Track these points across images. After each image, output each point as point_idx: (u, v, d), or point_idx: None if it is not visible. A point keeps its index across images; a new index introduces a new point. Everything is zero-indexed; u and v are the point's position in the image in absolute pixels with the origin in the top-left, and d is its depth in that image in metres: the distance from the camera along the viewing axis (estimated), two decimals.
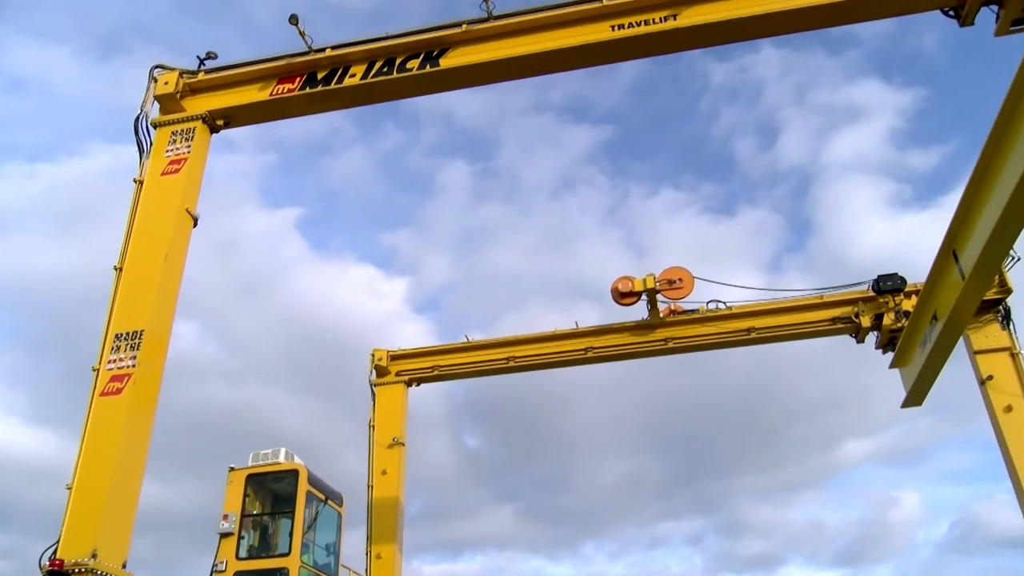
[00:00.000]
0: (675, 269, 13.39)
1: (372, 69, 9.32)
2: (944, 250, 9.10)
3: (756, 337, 13.47)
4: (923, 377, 10.97)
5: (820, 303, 13.41)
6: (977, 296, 9.38)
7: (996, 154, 7.39)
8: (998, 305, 12.33)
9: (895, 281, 12.89)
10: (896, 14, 8.72)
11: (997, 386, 11.88)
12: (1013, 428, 11.61)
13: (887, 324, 12.77)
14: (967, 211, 8.27)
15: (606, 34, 8.79)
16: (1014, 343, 12.18)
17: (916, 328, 10.86)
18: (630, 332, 13.85)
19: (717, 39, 9.05)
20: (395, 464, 13.60)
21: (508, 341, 14.42)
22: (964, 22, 8.15)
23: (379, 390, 14.38)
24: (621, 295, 13.40)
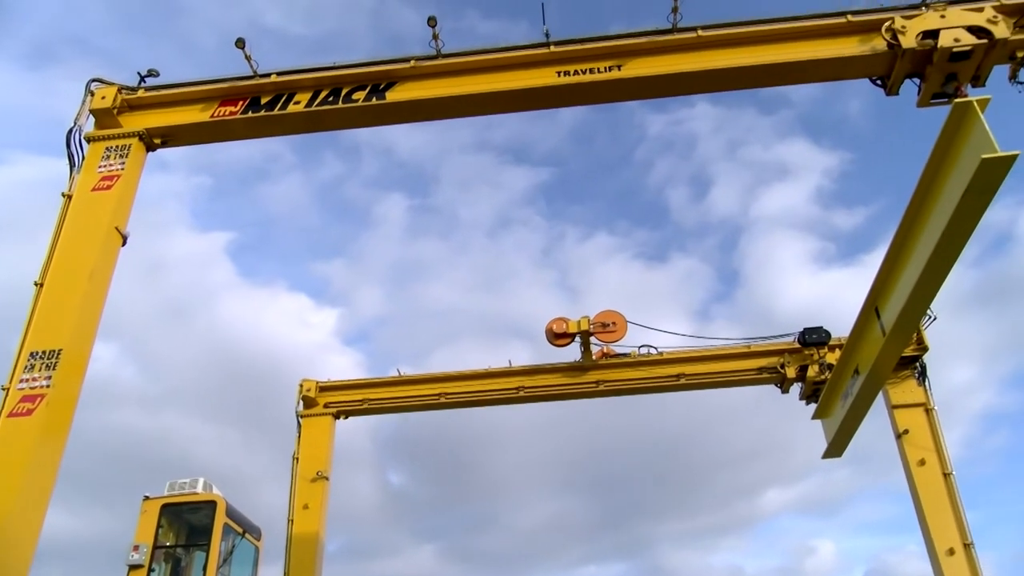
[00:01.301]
0: (609, 313, 13.55)
1: (317, 98, 9.28)
2: (867, 307, 9.45)
3: (685, 383, 13.68)
4: (843, 429, 11.30)
5: (747, 352, 13.72)
6: (896, 352, 9.74)
7: (916, 219, 7.75)
8: (915, 362, 12.81)
9: (820, 334, 13.28)
10: (827, 79, 9.12)
11: (912, 440, 12.30)
12: (925, 481, 12.01)
13: (811, 376, 13.12)
14: (889, 271, 8.62)
15: (552, 79, 8.95)
16: (929, 399, 12.65)
17: (838, 381, 11.20)
18: (562, 373, 13.91)
19: (657, 92, 9.31)
20: (318, 498, 13.27)
21: (440, 377, 14.33)
22: (890, 91, 8.56)
23: (305, 422, 14.07)
24: (555, 336, 13.49)
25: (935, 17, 8.20)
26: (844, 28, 8.59)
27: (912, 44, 8.09)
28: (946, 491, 11.89)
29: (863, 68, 8.60)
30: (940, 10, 8.25)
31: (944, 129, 6.91)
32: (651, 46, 8.85)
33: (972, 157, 6.42)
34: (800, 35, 8.70)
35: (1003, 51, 8.11)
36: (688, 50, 8.84)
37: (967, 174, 6.50)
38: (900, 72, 8.34)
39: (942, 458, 12.14)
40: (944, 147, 7.01)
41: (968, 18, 8.12)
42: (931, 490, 11.94)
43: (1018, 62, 8.36)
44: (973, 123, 6.52)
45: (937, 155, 7.13)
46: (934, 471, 12.05)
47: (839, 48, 8.56)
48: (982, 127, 6.37)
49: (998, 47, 8.02)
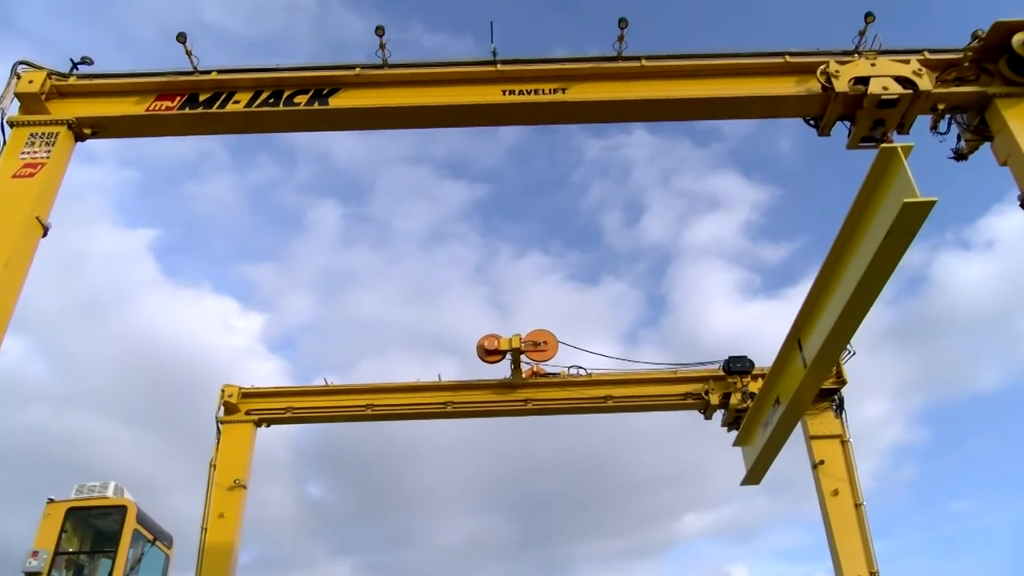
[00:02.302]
0: (541, 332, 13.63)
1: (258, 99, 9.12)
2: (790, 339, 9.71)
3: (612, 405, 13.83)
4: (763, 457, 11.56)
5: (673, 378, 13.96)
6: (816, 384, 10.03)
7: (840, 257, 8.02)
8: (834, 395, 13.24)
9: (744, 363, 13.61)
10: (763, 116, 9.42)
11: (827, 470, 12.69)
12: (838, 511, 12.40)
13: (734, 403, 13.42)
14: (813, 306, 8.88)
15: (497, 97, 9.00)
16: (845, 431, 13.08)
17: (760, 410, 11.47)
18: (492, 390, 13.91)
19: (599, 117, 9.47)
20: (234, 507, 12.92)
21: (368, 388, 14.16)
22: (822, 132, 8.87)
23: (225, 428, 13.70)
24: (486, 352, 13.49)
25: (867, 65, 8.55)
26: (782, 68, 8.88)
27: (844, 88, 8.41)
28: (856, 521, 12.29)
29: (798, 108, 8.90)
30: (871, 58, 8.62)
31: (870, 172, 7.18)
32: (596, 72, 8.99)
33: (895, 200, 6.69)
34: (740, 72, 8.96)
35: (926, 102, 8.51)
36: (631, 79, 9.01)
37: (890, 216, 6.76)
38: (832, 114, 8.65)
39: (854, 489, 12.55)
40: (869, 189, 7.28)
41: (896, 68, 8.50)
42: (843, 520, 12.32)
43: (939, 114, 8.78)
44: (897, 168, 6.79)
45: (862, 197, 7.40)
46: (846, 501, 12.44)
47: (776, 87, 8.84)
48: (905, 172, 6.63)
49: (922, 98, 8.40)
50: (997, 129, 8.41)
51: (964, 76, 8.71)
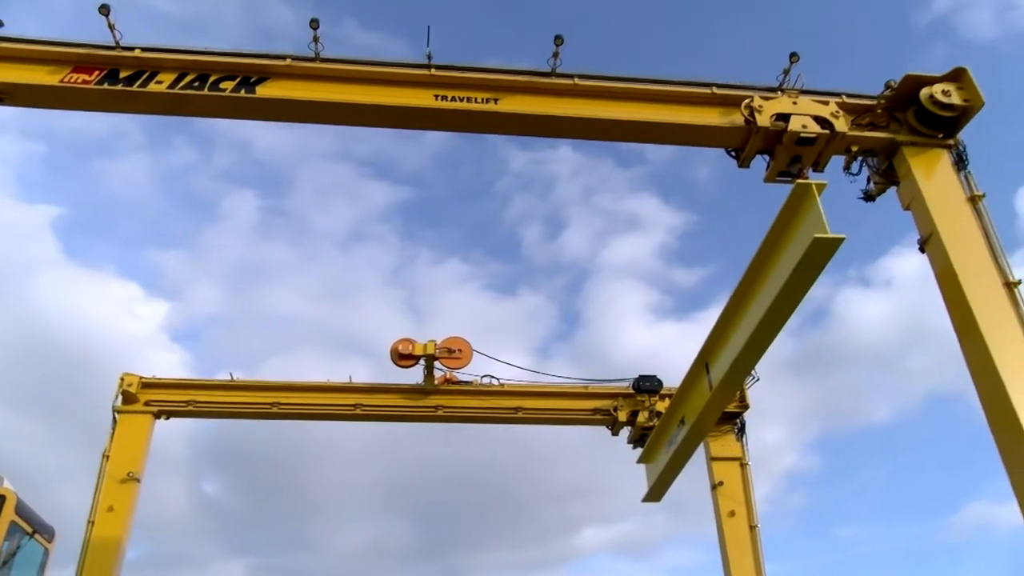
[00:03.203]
0: (456, 339, 13.59)
1: (182, 81, 8.82)
2: (698, 361, 9.97)
3: (522, 416, 13.88)
4: (665, 475, 11.82)
5: (584, 393, 14.11)
6: (721, 407, 10.32)
7: (751, 286, 8.29)
8: (736, 418, 13.62)
9: (653, 383, 13.87)
10: (687, 144, 9.67)
11: (725, 492, 13.04)
12: (733, 532, 12.74)
13: (640, 421, 13.65)
14: (722, 331, 9.15)
15: (429, 102, 8.97)
16: (744, 455, 13.47)
17: (665, 429, 11.73)
18: (403, 395, 13.77)
19: (529, 130, 9.51)
20: (125, 501, 12.37)
21: (276, 385, 13.81)
22: (742, 164, 9.16)
23: (122, 418, 13.12)
24: (400, 356, 13.36)
25: (788, 102, 8.89)
26: (708, 99, 9.14)
27: (766, 123, 8.72)
28: (750, 543, 12.65)
29: (721, 138, 9.17)
30: (793, 96, 8.96)
31: (784, 206, 7.45)
32: (530, 86, 9.06)
33: (806, 235, 6.96)
34: (669, 99, 9.17)
35: (841, 143, 8.90)
36: (564, 95, 9.12)
37: (800, 250, 7.03)
38: (753, 147, 8.95)
39: (750, 511, 12.93)
40: (782, 223, 7.56)
41: (815, 108, 8.86)
42: (737, 541, 12.67)
43: (852, 155, 9.21)
44: (810, 204, 7.06)
45: (775, 229, 7.68)
46: (742, 523, 12.80)
47: (702, 117, 9.10)
48: (817, 209, 6.91)
49: (837, 139, 8.78)
50: (903, 175, 8.87)
51: (877, 122, 9.16)
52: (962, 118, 8.86)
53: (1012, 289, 7.86)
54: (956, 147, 8.89)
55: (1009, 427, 7.07)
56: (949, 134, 8.94)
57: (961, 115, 8.83)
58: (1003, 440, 7.19)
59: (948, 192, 8.57)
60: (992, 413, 7.34)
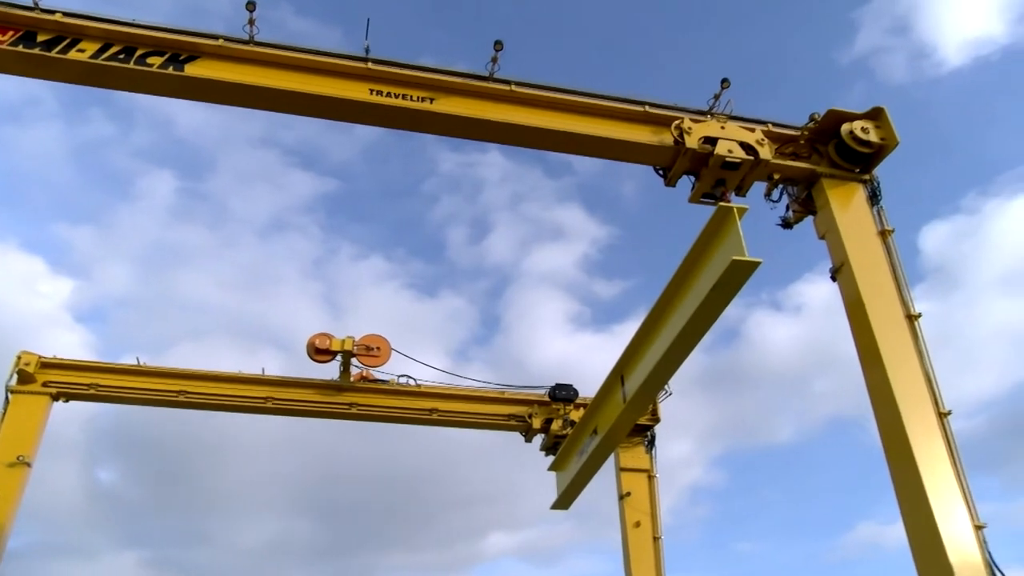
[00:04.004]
0: (375, 337, 13.44)
1: (106, 51, 8.46)
2: (614, 374, 10.12)
3: (437, 418, 13.82)
4: (575, 483, 11.95)
5: (501, 398, 14.15)
6: (633, 419, 10.49)
7: (669, 303, 8.47)
8: (647, 431, 13.86)
9: (568, 392, 14.01)
10: (617, 158, 9.75)
11: (632, 503, 13.25)
12: (637, 542, 12.96)
13: (554, 429, 13.76)
14: (638, 345, 9.30)
15: (363, 95, 8.85)
16: (653, 467, 13.72)
17: (577, 438, 11.86)
18: (317, 390, 13.53)
19: (462, 132, 9.46)
20: (13, 486, 11.76)
21: (185, 373, 13.38)
22: (669, 182, 9.35)
23: (16, 398, 12.48)
24: (317, 351, 13.12)
25: (716, 126, 9.13)
26: (641, 116, 9.30)
27: (694, 145, 8.93)
28: (654, 553, 12.89)
29: (650, 156, 9.34)
30: (722, 121, 9.20)
31: (706, 227, 7.63)
32: (466, 88, 9.05)
33: (724, 257, 7.14)
34: (603, 113, 9.30)
35: (764, 170, 9.18)
36: (500, 101, 9.14)
37: (718, 270, 7.21)
38: (680, 167, 9.15)
39: (655, 522, 13.17)
40: (703, 243, 7.74)
41: (742, 135, 9.13)
42: (641, 551, 12.89)
43: (773, 183, 9.51)
44: (730, 227, 7.25)
45: (696, 249, 7.86)
46: (646, 533, 13.03)
47: (634, 133, 9.25)
48: (737, 232, 7.10)
49: (760, 166, 9.06)
50: (820, 205, 9.20)
51: (799, 152, 9.48)
52: (878, 155, 9.25)
53: (913, 321, 8.24)
54: (871, 182, 9.28)
55: (902, 453, 7.40)
56: (865, 169, 9.33)
57: (877, 152, 9.22)
58: (895, 465, 7.52)
59: (861, 225, 8.92)
60: (887, 439, 7.66)
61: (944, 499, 7.04)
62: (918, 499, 7.08)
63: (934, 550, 6.84)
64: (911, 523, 7.21)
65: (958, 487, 7.20)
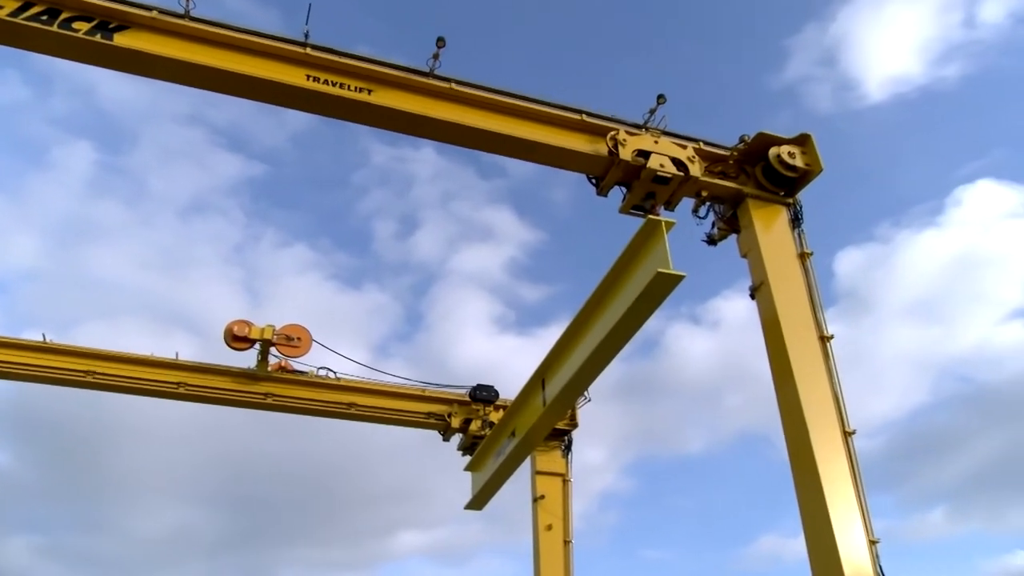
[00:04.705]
0: (296, 327, 13.19)
1: (27, 10, 8.06)
2: (535, 377, 10.20)
3: (356, 413, 13.65)
4: (490, 484, 12.00)
5: (421, 395, 14.07)
6: (552, 423, 10.60)
7: (593, 310, 8.59)
8: (564, 436, 14.00)
9: (489, 393, 14.03)
10: (551, 164, 9.78)
11: (545, 505, 13.36)
12: (548, 545, 13.07)
13: (473, 430, 13.77)
14: (561, 350, 9.40)
15: (300, 81, 8.68)
16: (568, 471, 13.86)
17: (495, 439, 11.90)
18: (232, 378, 13.19)
19: (398, 127, 9.34)
20: None
21: (94, 353, 12.84)
22: (601, 192, 9.48)
23: None
24: (235, 338, 12.79)
25: (650, 140, 9.30)
26: (578, 125, 9.40)
27: (627, 157, 9.08)
28: (563, 557, 13.02)
29: (584, 164, 9.45)
30: (656, 135, 9.39)
31: (633, 239, 7.77)
32: (406, 82, 8.98)
33: (650, 268, 7.29)
34: (542, 118, 9.35)
35: (693, 187, 9.41)
36: (439, 98, 9.10)
37: (643, 282, 7.35)
38: (612, 178, 9.29)
39: (567, 526, 13.31)
40: (630, 254, 7.88)
41: (674, 150, 9.33)
42: (551, 554, 13.00)
43: (701, 200, 9.75)
44: (657, 239, 7.40)
45: (623, 260, 7.99)
46: (558, 537, 13.15)
47: (570, 141, 9.34)
48: (663, 245, 7.25)
49: (690, 182, 9.28)
50: (744, 225, 9.47)
51: (727, 172, 9.74)
52: (802, 180, 9.58)
53: (826, 342, 8.55)
54: (794, 206, 9.60)
55: (807, 468, 7.67)
56: (789, 193, 9.64)
57: (802, 177, 9.55)
58: (800, 479, 7.80)
59: (782, 246, 9.22)
60: (794, 454, 7.93)
61: (843, 514, 7.34)
62: (819, 512, 7.36)
63: (831, 562, 7.11)
64: (811, 535, 7.49)
65: (857, 503, 7.51)
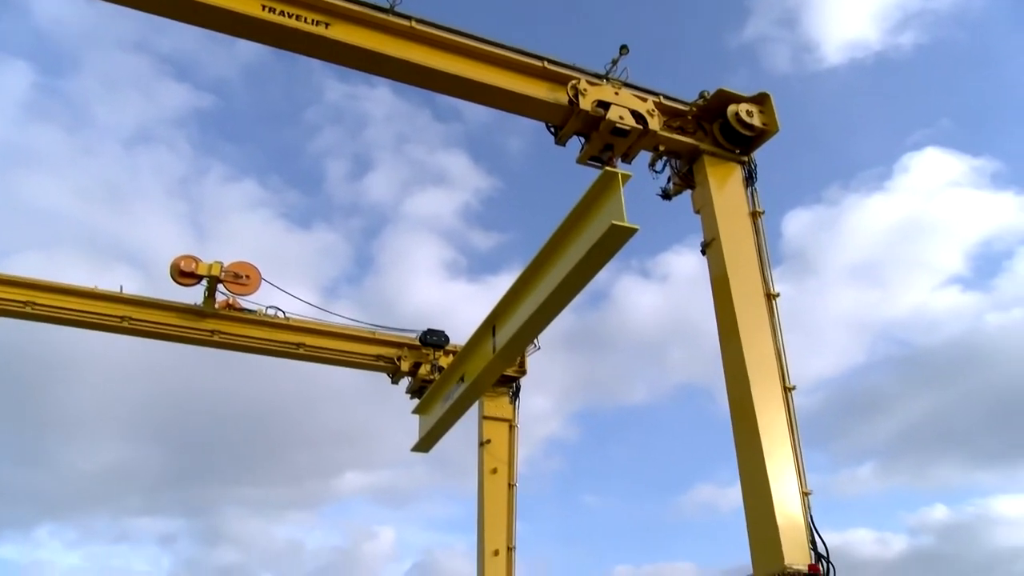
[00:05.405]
0: (244, 264, 12.97)
1: None
2: (486, 324, 10.23)
3: (304, 353, 13.58)
4: (437, 427, 12.11)
5: (371, 338, 14.05)
6: (501, 369, 10.70)
7: (546, 259, 8.61)
8: (513, 382, 14.18)
9: (439, 338, 14.08)
10: (509, 110, 9.68)
11: (491, 450, 13.58)
12: (492, 488, 13.34)
13: (422, 373, 13.84)
14: (513, 297, 9.43)
15: (255, 10, 8.37)
16: (515, 417, 14.08)
17: (444, 384, 11.97)
18: (178, 314, 12.96)
19: (354, 63, 9.12)
20: None
21: (35, 284, 12.48)
22: (559, 141, 9.44)
23: None
24: (181, 273, 12.53)
25: (611, 91, 9.26)
26: (539, 72, 9.30)
27: (588, 107, 9.03)
28: (507, 500, 13.32)
29: (543, 112, 9.38)
30: (617, 87, 9.34)
31: (589, 190, 7.77)
32: (365, 18, 8.75)
33: (604, 220, 7.30)
34: (503, 63, 9.23)
35: (651, 140, 9.42)
36: (398, 36, 8.89)
37: (597, 233, 7.38)
38: (571, 128, 9.25)
39: (512, 470, 13.58)
40: (585, 205, 7.89)
41: (634, 103, 9.30)
42: (495, 497, 13.28)
43: (658, 154, 9.78)
44: (613, 191, 7.41)
45: (577, 210, 8.00)
46: (502, 480, 13.42)
47: (530, 87, 9.25)
48: (619, 197, 7.27)
49: (648, 136, 9.29)
50: (699, 181, 9.55)
51: (686, 127, 9.78)
52: (759, 139, 9.67)
53: (772, 300, 8.75)
54: (749, 164, 9.71)
55: (747, 420, 7.92)
56: (745, 151, 9.74)
57: (758, 136, 9.64)
58: (740, 430, 8.04)
59: (735, 204, 9.34)
60: (735, 406, 8.17)
61: (779, 466, 7.62)
62: (757, 463, 7.62)
63: (765, 510, 7.40)
64: (748, 485, 7.76)
65: (793, 456, 7.79)
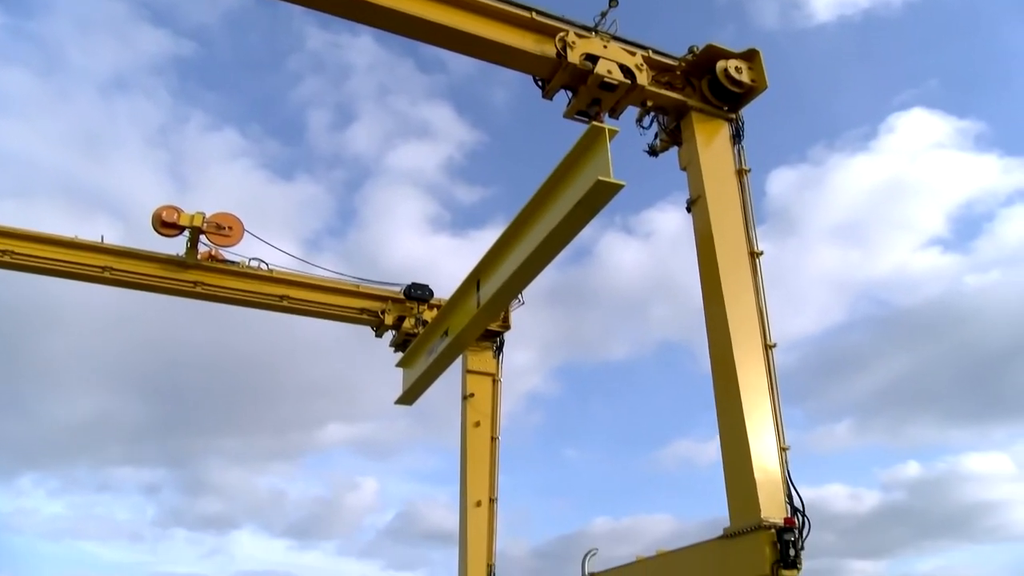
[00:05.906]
0: (227, 216, 12.85)
1: None
2: (470, 279, 10.26)
3: (287, 306, 13.55)
4: (421, 380, 12.21)
5: (355, 291, 14.03)
6: (485, 323, 10.75)
7: (531, 214, 8.60)
8: (497, 337, 14.23)
9: (424, 292, 14.09)
10: (496, 62, 9.50)
11: (475, 404, 13.69)
12: (475, 441, 13.48)
13: (406, 327, 13.87)
14: (497, 252, 9.44)
15: None
16: (499, 371, 14.16)
17: (428, 337, 12.04)
18: (160, 264, 12.86)
19: (336, 9, 8.88)
20: None
21: (12, 232, 12.32)
22: (546, 95, 9.32)
23: None
24: (163, 223, 12.41)
25: (600, 44, 9.12)
26: (527, 23, 9.13)
27: (576, 60, 8.90)
28: (489, 453, 13.47)
29: (530, 65, 9.24)
30: (605, 40, 9.20)
31: (576, 145, 7.74)
32: None
33: (590, 176, 7.29)
34: (490, 13, 9.03)
35: (639, 95, 9.32)
36: None
37: (583, 189, 7.37)
38: (559, 81, 9.12)
39: (494, 423, 13.71)
40: (572, 160, 7.86)
41: (623, 57, 9.18)
42: (478, 449, 13.43)
43: (646, 109, 9.69)
44: (600, 147, 7.38)
45: (564, 165, 7.97)
46: (485, 434, 13.56)
47: (518, 39, 9.08)
48: (605, 153, 7.25)
49: (636, 91, 9.19)
50: (686, 138, 9.49)
51: (674, 83, 9.67)
52: (747, 96, 9.58)
53: (755, 258, 8.78)
54: (736, 121, 9.63)
55: (728, 376, 7.99)
56: (733, 108, 9.66)
57: (747, 93, 9.55)
58: (720, 386, 8.12)
59: (721, 161, 9.30)
60: (716, 362, 8.23)
61: (758, 421, 7.72)
62: (736, 419, 7.72)
63: (743, 465, 7.52)
64: (727, 439, 7.87)
65: (772, 412, 7.89)
